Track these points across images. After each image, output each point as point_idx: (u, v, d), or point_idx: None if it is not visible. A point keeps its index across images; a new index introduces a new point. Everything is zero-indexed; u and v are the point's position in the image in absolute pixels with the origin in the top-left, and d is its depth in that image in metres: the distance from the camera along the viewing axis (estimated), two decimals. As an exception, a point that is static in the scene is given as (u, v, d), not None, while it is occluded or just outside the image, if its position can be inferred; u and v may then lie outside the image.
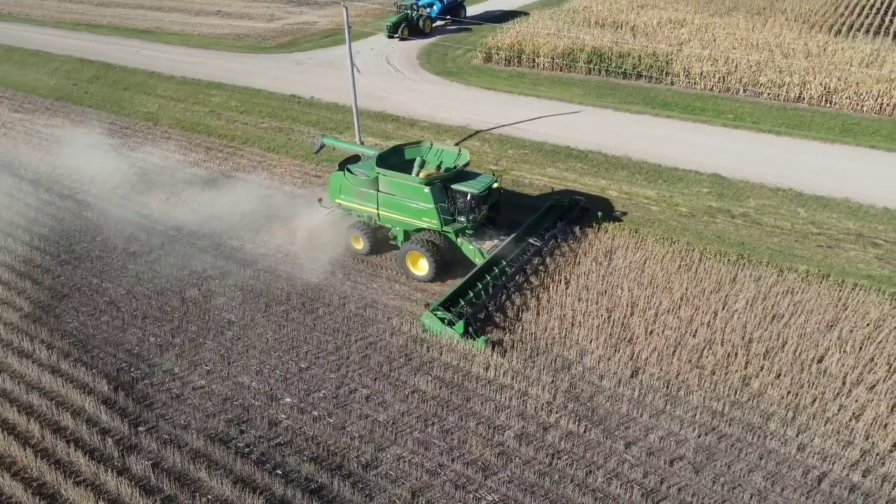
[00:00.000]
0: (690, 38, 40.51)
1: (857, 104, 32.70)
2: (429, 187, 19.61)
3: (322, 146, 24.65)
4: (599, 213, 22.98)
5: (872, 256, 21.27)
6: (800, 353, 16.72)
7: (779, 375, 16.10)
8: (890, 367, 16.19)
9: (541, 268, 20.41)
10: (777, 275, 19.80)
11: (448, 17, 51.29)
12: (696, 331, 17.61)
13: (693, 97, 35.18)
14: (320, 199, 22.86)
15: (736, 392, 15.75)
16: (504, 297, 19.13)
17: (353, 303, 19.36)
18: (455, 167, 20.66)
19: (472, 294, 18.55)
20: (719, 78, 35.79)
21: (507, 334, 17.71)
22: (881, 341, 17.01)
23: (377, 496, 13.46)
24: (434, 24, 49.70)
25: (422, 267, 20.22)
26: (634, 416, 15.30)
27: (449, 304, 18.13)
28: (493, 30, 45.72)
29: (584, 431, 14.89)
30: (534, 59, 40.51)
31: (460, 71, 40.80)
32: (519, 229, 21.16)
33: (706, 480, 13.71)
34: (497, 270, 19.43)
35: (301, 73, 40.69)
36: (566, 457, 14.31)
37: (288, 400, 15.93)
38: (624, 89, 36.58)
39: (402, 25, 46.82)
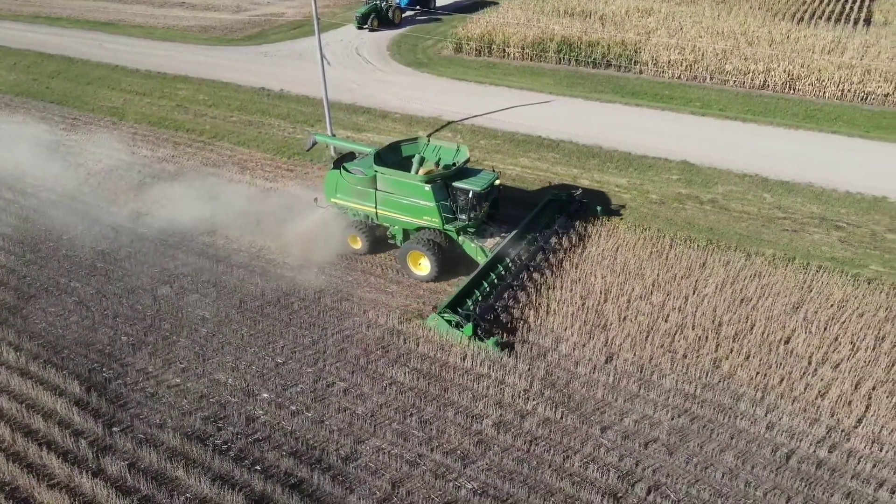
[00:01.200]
0: (658, 27, 40.96)
1: (820, 90, 33.47)
2: (430, 185, 19.21)
3: (314, 143, 24.03)
4: (599, 208, 22.75)
5: (835, 239, 21.87)
6: (767, 335, 17.17)
7: (748, 357, 16.52)
8: (853, 346, 16.72)
9: (540, 263, 20.06)
10: (745, 259, 20.26)
11: (417, 7, 51.04)
12: (668, 316, 17.95)
13: (661, 85, 35.63)
14: (316, 199, 22.15)
15: (707, 374, 16.12)
16: (511, 296, 18.60)
17: (329, 296, 19.30)
18: (454, 164, 20.34)
19: (478, 294, 18.14)
20: (686, 66, 36.29)
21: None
22: (844, 321, 17.53)
23: (357, 488, 13.51)
24: (404, 15, 49.42)
25: (423, 267, 19.86)
26: (609, 400, 15.58)
27: (455, 305, 17.73)
28: (463, 20, 45.63)
29: (561, 418, 15.11)
30: (504, 50, 40.58)
31: (431, 62, 40.68)
32: (520, 225, 20.73)
33: (679, 461, 14.04)
34: (501, 269, 19.11)
35: (270, 66, 40.17)
36: (543, 443, 14.52)
37: (265, 395, 15.86)
38: (594, 78, 36.87)
39: (372, 16, 46.43)
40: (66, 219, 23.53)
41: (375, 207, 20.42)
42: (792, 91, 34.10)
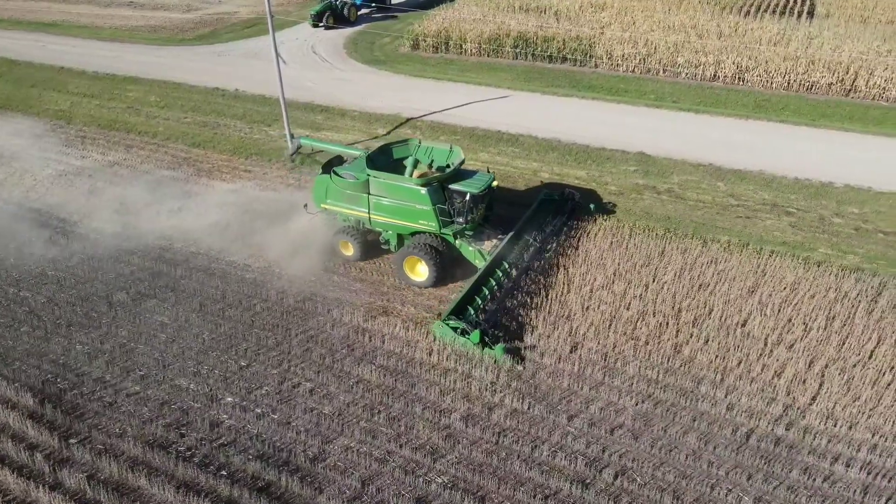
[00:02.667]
0: (611, 22, 41.57)
1: (767, 81, 34.49)
2: (426, 188, 18.55)
3: (299, 148, 23.04)
4: (592, 206, 22.70)
5: (786, 224, 22.58)
6: (725, 319, 17.63)
7: (707, 341, 16.93)
8: (806, 327, 17.30)
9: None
10: (701, 246, 20.74)
11: (373, 4, 50.71)
12: (630, 304, 18.26)
13: (616, 79, 36.20)
14: (306, 205, 21.22)
15: (669, 360, 16.47)
16: (516, 299, 18.29)
17: (292, 297, 19.04)
18: (448, 165, 19.93)
19: (478, 300, 17.69)
20: (640, 60, 36.95)
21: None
22: (797, 303, 18.12)
23: (326, 489, 13.39)
24: (359, 13, 49.00)
25: (421, 272, 19.24)
26: (575, 389, 15.78)
27: (459, 311, 17.23)
28: (420, 17, 45.55)
29: (528, 408, 15.25)
30: (461, 46, 40.63)
31: (388, 59, 40.49)
32: (516, 226, 20.34)
33: (645, 445, 14.32)
34: (501, 273, 18.78)
35: (223, 65, 39.39)
36: (512, 434, 14.63)
37: (229, 399, 15.57)
38: (550, 73, 37.23)
39: (327, 14, 45.96)
40: (14, 226, 22.65)
41: (368, 212, 19.67)
42: (741, 82, 35.06)
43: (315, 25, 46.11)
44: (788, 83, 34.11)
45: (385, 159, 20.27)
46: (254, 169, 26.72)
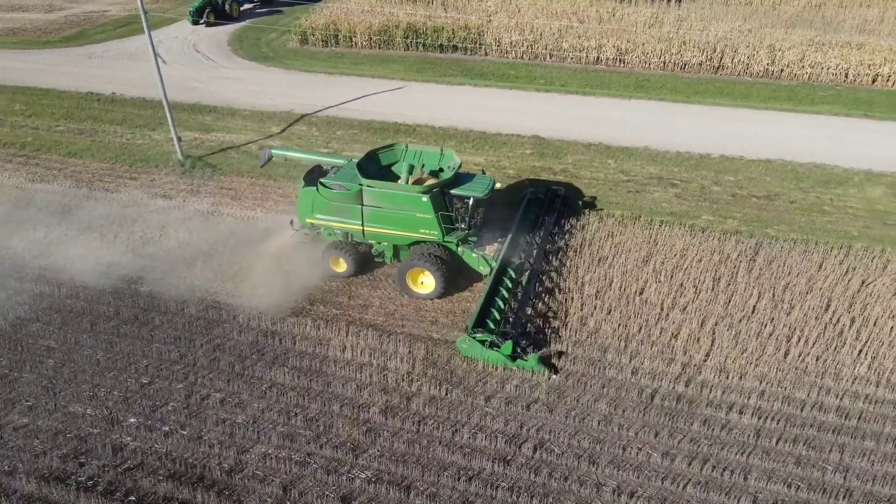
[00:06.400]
0: (497, 10, 42.45)
1: (645, 63, 36.48)
2: (427, 195, 17.62)
3: (270, 159, 21.16)
4: (580, 202, 22.68)
5: (672, 195, 24.04)
6: (624, 289, 18.55)
7: (609, 311, 17.75)
8: (696, 289, 18.52)
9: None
10: (598, 221, 21.68)
11: (256, -1, 49.07)
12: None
13: (506, 66, 37.04)
14: (292, 221, 19.80)
15: (576, 333, 17.13)
16: (534, 303, 17.89)
17: (193, 306, 18.16)
18: (440, 169, 19.11)
19: (498, 307, 16.98)
20: (527, 46, 38.00)
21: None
22: (687, 268, 19.36)
23: (246, 499, 12.94)
24: (242, 8, 47.20)
25: (425, 284, 18.34)
26: (490, 370, 16.09)
27: (482, 322, 16.46)
28: (307, 10, 44.50)
29: (446, 394, 15.40)
30: (351, 39, 40.14)
31: (277, 55, 39.31)
32: (513, 227, 19.83)
33: (560, 416, 14.85)
34: (513, 276, 18.20)
35: (96, 68, 36.77)
36: (432, 421, 14.73)
37: (132, 420, 14.67)
38: (442, 63, 37.53)
39: (207, 10, 43.96)
40: None
41: (362, 224, 18.55)
42: (622, 64, 36.86)
43: (195, 23, 44.00)
44: (664, 63, 36.24)
45: (373, 166, 19.10)
46: (140, 176, 25.21)
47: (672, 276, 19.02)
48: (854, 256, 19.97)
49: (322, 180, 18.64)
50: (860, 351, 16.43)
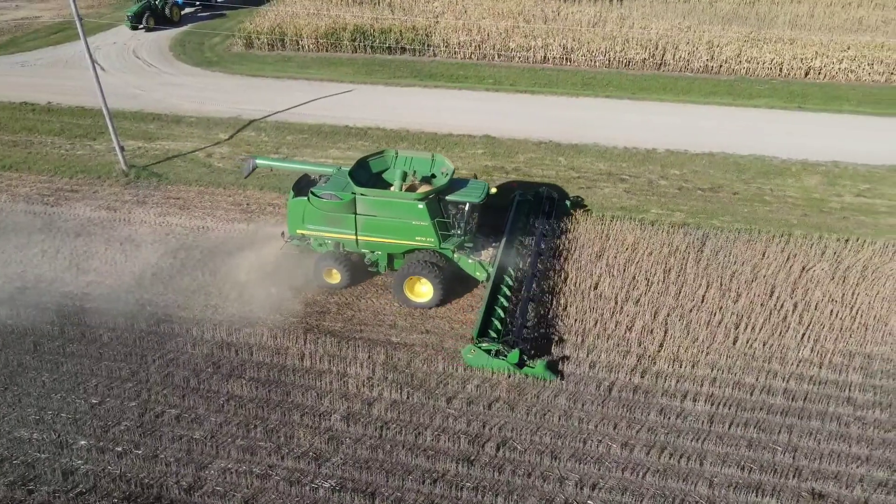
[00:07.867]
0: (444, 11, 42.55)
1: (591, 61, 37.17)
2: (423, 202, 17.39)
3: (254, 168, 20.35)
4: (568, 202, 22.60)
5: (622, 190, 24.57)
6: (579, 284, 18.87)
7: (566, 307, 18.03)
8: (648, 282, 18.99)
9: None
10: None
11: (198, 3, 47.87)
12: (492, 281, 18.95)
13: (455, 66, 37.18)
14: (283, 233, 19.34)
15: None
16: (536, 306, 17.78)
17: (143, 321, 17.62)
18: (432, 175, 18.80)
19: (500, 313, 16.81)
20: (475, 46, 38.23)
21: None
22: (638, 261, 19.83)
23: (207, 516, 12.66)
24: (183, 12, 46.03)
25: (423, 293, 18.15)
26: (451, 371, 16.14)
27: (485, 330, 16.29)
28: (251, 14, 43.69)
29: (407, 397, 15.38)
30: (297, 42, 39.62)
31: (221, 60, 38.48)
32: (506, 231, 19.62)
33: (521, 414, 15.01)
34: (510, 282, 18.00)
35: (29, 77, 35.27)
36: (394, 426, 14.69)
37: (83, 442, 14.15)
38: (391, 64, 37.42)
39: (146, 15, 42.66)
40: None
41: (355, 233, 18.25)
42: (568, 63, 37.47)
43: (134, 28, 42.71)
44: (609, 61, 37.00)
45: (364, 174, 18.72)
46: (81, 188, 24.32)
47: (625, 270, 19.45)
48: (794, 244, 20.81)
49: (313, 189, 18.30)
50: (803, 335, 17.14)
